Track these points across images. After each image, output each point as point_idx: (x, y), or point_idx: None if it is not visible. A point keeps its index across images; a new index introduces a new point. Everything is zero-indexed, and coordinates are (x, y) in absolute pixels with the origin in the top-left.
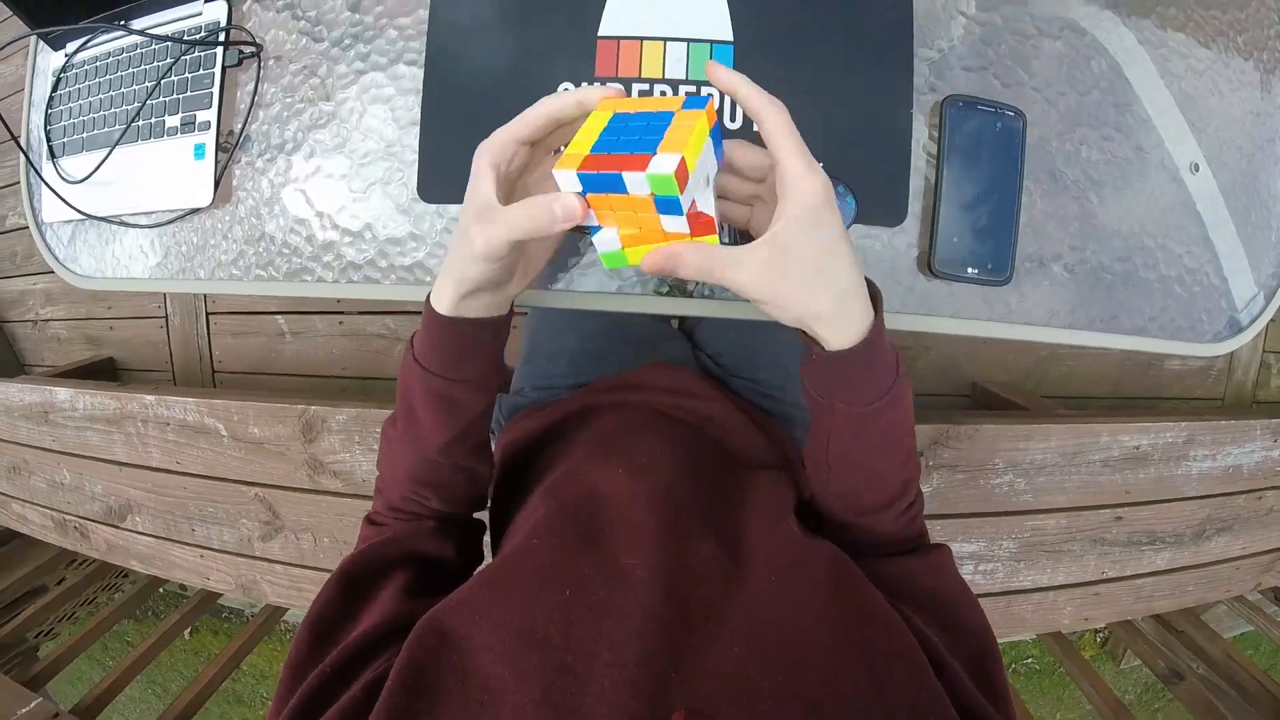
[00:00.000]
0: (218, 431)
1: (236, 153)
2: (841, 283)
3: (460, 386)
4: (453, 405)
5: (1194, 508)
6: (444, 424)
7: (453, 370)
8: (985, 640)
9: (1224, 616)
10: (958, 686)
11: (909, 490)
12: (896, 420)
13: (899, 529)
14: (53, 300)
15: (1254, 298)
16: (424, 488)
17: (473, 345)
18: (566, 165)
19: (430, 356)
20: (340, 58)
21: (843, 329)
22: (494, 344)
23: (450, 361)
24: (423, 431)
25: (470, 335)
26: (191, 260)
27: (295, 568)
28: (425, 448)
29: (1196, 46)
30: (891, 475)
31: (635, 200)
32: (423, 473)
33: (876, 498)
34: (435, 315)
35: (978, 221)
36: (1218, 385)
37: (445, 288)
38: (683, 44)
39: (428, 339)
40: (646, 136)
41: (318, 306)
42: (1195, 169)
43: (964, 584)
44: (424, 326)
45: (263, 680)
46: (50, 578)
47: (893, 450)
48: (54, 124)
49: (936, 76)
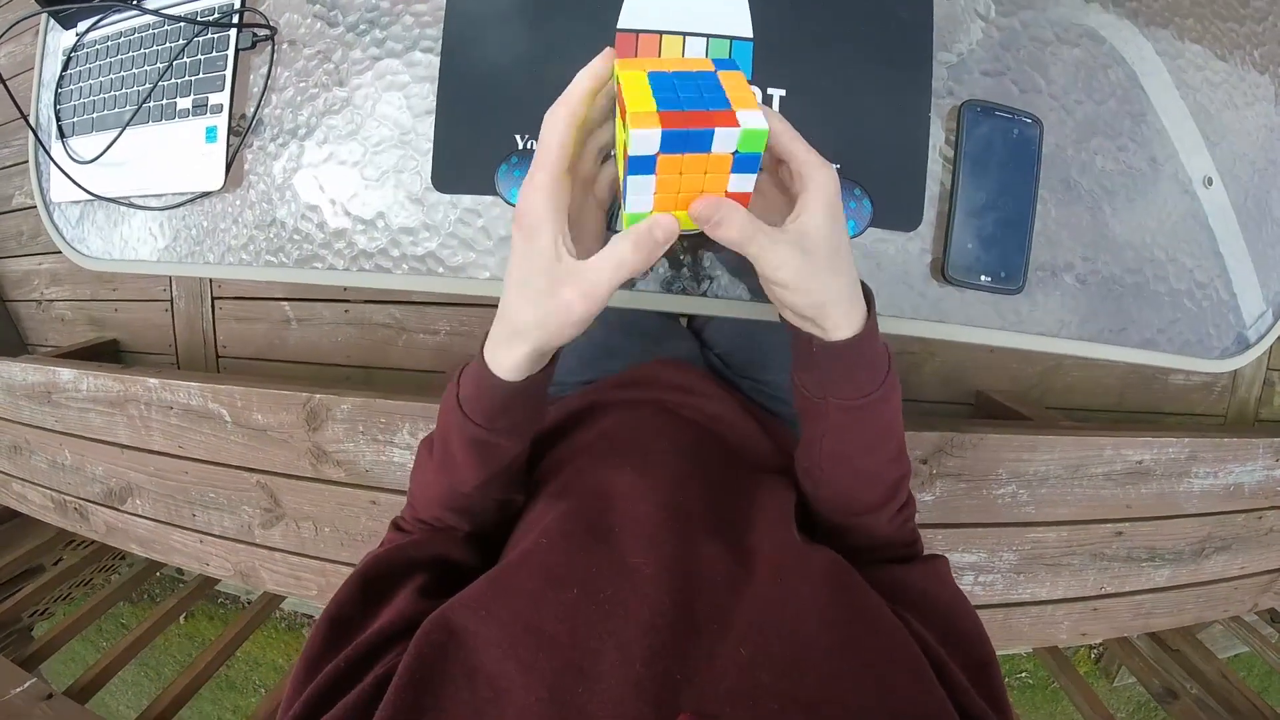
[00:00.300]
0: (221, 417)
1: (249, 136)
2: (850, 274)
3: (500, 434)
4: (490, 450)
5: (1195, 525)
6: (480, 467)
7: (495, 422)
8: (984, 649)
9: (1219, 637)
10: (960, 691)
11: (901, 489)
12: (888, 415)
13: (895, 530)
14: (58, 281)
15: (1262, 314)
16: (455, 514)
17: (522, 400)
18: (645, 125)
19: (475, 408)
20: (355, 43)
21: (849, 317)
22: (543, 393)
23: (494, 414)
24: (458, 470)
25: (522, 392)
26: (201, 244)
27: (295, 556)
28: (459, 484)
29: (1213, 59)
30: (883, 472)
31: (711, 159)
32: (455, 503)
33: (870, 497)
34: (493, 379)
35: (992, 229)
36: (1220, 402)
37: (513, 353)
38: (702, 39)
39: (476, 394)
40: (709, 94)
41: (324, 294)
42: (1209, 183)
43: (961, 594)
44: (475, 382)
45: (256, 667)
46: (48, 558)
47: (883, 446)
48: (64, 103)
49: (955, 80)
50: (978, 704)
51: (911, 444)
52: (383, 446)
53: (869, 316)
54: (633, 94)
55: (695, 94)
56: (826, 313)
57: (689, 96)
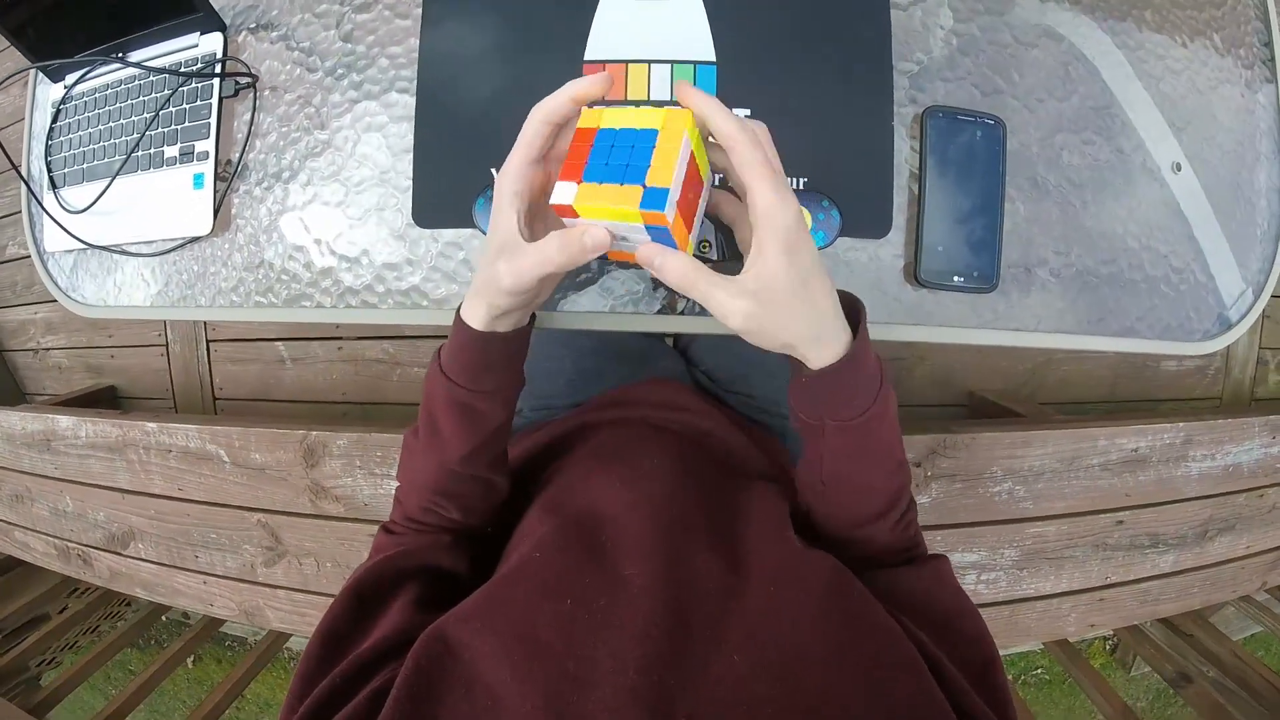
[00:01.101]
0: (219, 458)
1: (235, 181)
2: (819, 306)
3: (482, 397)
4: (474, 415)
5: (1196, 508)
6: (465, 434)
7: (477, 381)
8: (986, 648)
9: (1232, 619)
10: (959, 692)
11: (902, 498)
12: (884, 431)
13: (895, 537)
14: (53, 329)
15: (1242, 294)
16: (443, 497)
17: (498, 357)
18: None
19: (456, 367)
20: (334, 87)
21: (825, 348)
22: (519, 355)
23: (475, 373)
24: (444, 441)
25: (497, 347)
26: (192, 288)
27: (298, 593)
28: (446, 457)
29: (1174, 47)
30: (884, 485)
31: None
32: (442, 482)
33: (872, 509)
34: (466, 329)
35: (962, 230)
36: (1215, 384)
37: (477, 309)
38: (666, 66)
39: (455, 351)
40: (635, 162)
41: (317, 333)
42: (1177, 168)
43: (963, 593)
44: (452, 338)
45: (266, 709)
46: (53, 606)
47: (884, 460)
48: (54, 155)
49: (916, 89)
50: (977, 704)
51: (904, 447)
52: (380, 480)
53: (855, 339)
54: (573, 152)
55: (624, 161)
56: (795, 350)
57: (617, 164)
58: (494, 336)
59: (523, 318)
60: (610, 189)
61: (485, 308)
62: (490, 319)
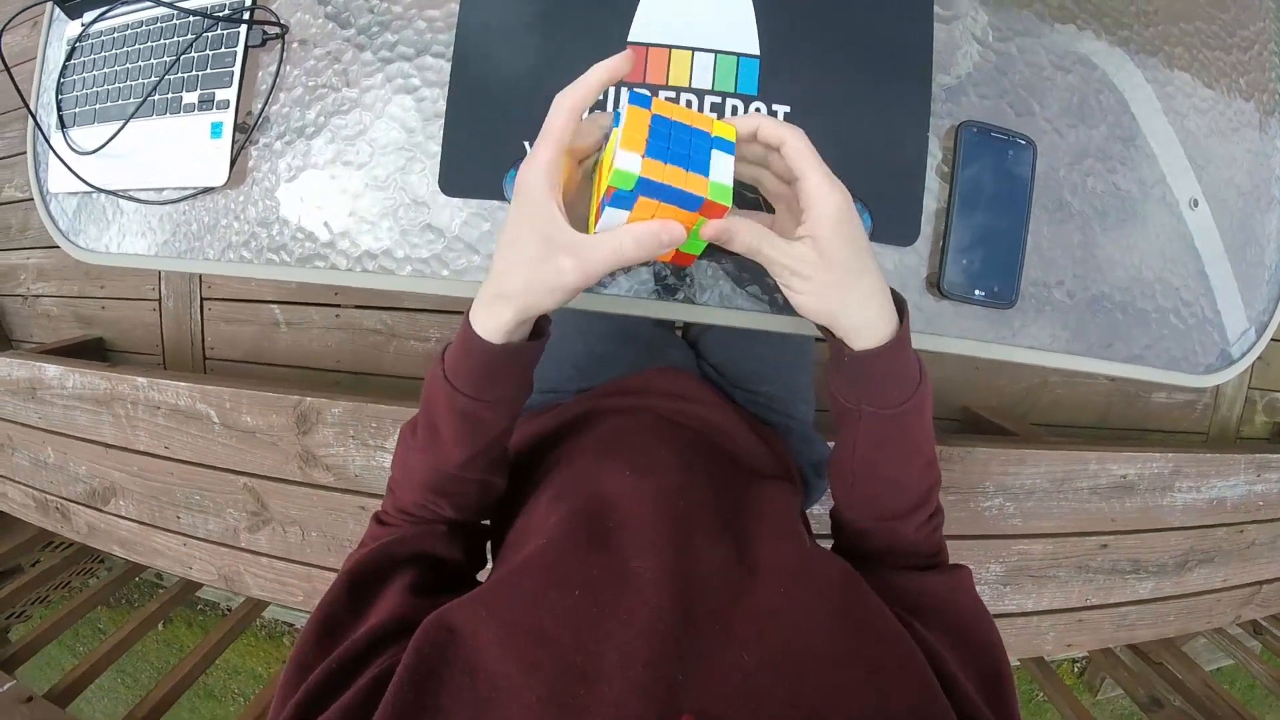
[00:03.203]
0: (209, 418)
1: (255, 133)
2: (873, 278)
3: (486, 407)
4: (476, 424)
5: (1178, 538)
6: (465, 442)
7: (482, 391)
8: (998, 660)
9: (1202, 650)
10: (966, 702)
11: (931, 498)
12: (920, 426)
13: (921, 539)
14: (45, 276)
15: (1245, 332)
16: (438, 496)
17: (509, 369)
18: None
19: (461, 375)
20: (366, 45)
21: (872, 326)
22: (530, 365)
23: (481, 383)
24: (443, 446)
25: (510, 360)
26: (200, 239)
27: (281, 561)
28: (444, 462)
29: (1200, 86)
30: (914, 481)
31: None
32: (438, 484)
33: (899, 503)
34: (478, 340)
35: (987, 245)
36: (1202, 420)
37: (498, 316)
38: (710, 55)
39: (462, 359)
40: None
41: (314, 297)
42: (1194, 205)
43: (982, 605)
44: (460, 346)
45: (235, 675)
46: (26, 559)
47: (915, 456)
48: (66, 93)
49: (952, 101)
50: (982, 712)
51: None
52: (373, 451)
53: (900, 326)
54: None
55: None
56: (837, 323)
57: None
58: (509, 348)
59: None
60: (675, 171)
61: (515, 312)
62: (515, 325)
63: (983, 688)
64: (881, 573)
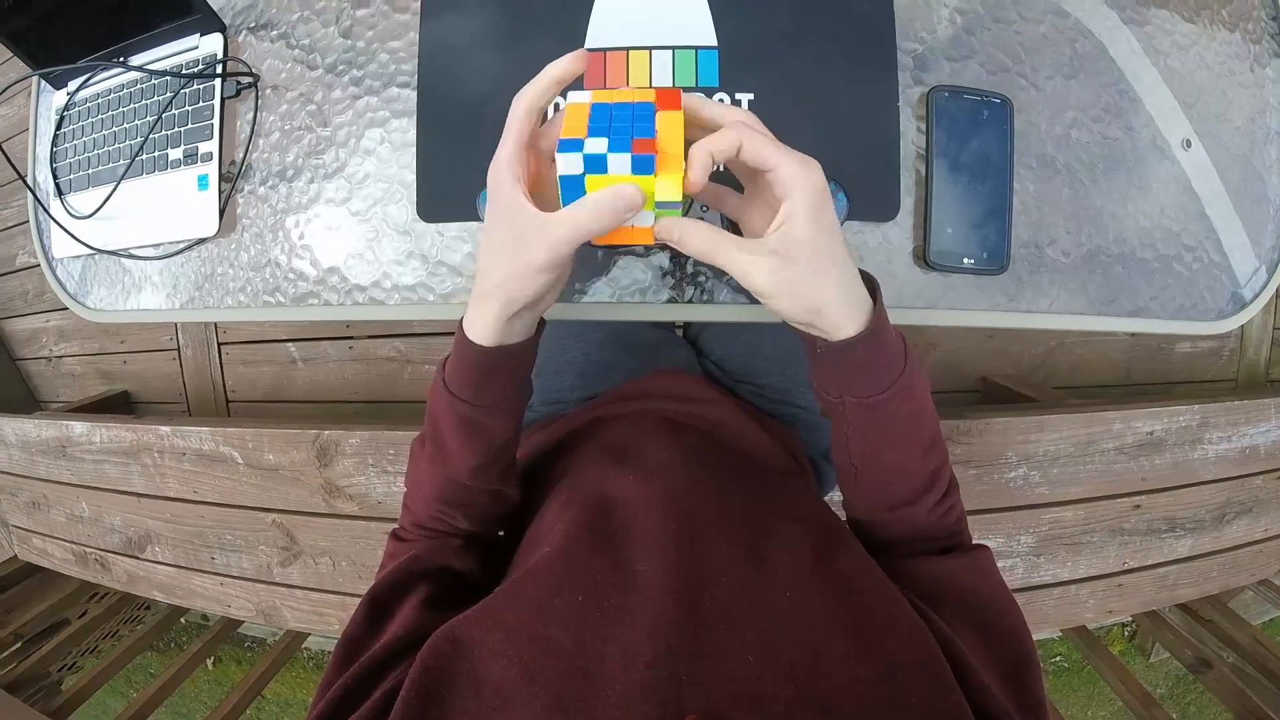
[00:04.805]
0: (233, 459)
1: (239, 181)
2: (841, 268)
3: (487, 412)
4: (480, 430)
5: (1212, 492)
6: (471, 449)
7: (480, 396)
8: (1024, 646)
9: (1250, 604)
10: (984, 694)
11: (938, 481)
12: (912, 408)
13: (934, 522)
14: (65, 337)
15: (1256, 271)
16: (451, 508)
17: (504, 371)
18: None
19: (459, 382)
20: (335, 83)
21: (848, 316)
22: (525, 367)
23: (478, 387)
24: (450, 456)
25: (503, 360)
26: (200, 289)
27: (315, 592)
28: (453, 471)
29: (1181, 22)
30: (916, 466)
31: None
32: (450, 494)
33: (904, 491)
34: (470, 345)
35: (971, 211)
36: (1230, 366)
37: (485, 315)
38: (667, 52)
39: (458, 365)
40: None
41: (328, 332)
42: (1187, 145)
43: (1004, 586)
44: (456, 353)
45: (286, 708)
46: (72, 611)
47: (912, 440)
48: (60, 161)
49: (921, 69)
50: (998, 703)
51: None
52: (393, 477)
53: (875, 309)
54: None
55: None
56: (822, 316)
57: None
58: (501, 350)
59: (531, 324)
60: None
61: (499, 308)
62: (503, 321)
63: (1006, 676)
64: (898, 561)
